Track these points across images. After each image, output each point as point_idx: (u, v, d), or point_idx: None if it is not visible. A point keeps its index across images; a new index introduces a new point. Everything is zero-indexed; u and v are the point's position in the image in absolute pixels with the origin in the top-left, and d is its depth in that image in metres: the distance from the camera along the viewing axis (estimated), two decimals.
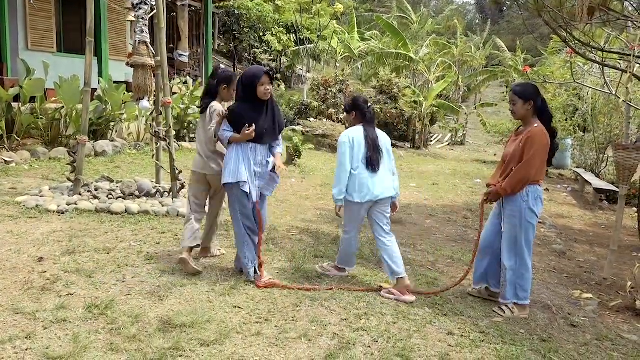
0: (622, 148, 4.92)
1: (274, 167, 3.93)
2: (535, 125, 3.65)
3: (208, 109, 3.97)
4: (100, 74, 10.26)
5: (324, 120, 15.42)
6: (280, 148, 4.09)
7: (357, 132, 4.00)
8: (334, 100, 13.78)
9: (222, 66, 3.76)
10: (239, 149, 3.82)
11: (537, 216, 3.76)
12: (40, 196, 5.66)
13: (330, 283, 4.06)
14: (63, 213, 5.28)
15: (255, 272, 3.89)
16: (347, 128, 4.24)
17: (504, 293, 3.83)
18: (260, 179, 3.92)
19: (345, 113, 4.31)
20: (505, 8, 41.81)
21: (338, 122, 14.55)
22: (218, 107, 3.97)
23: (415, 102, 15.73)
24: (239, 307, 3.45)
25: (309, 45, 18.42)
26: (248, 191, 3.82)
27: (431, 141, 17.97)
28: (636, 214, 5.66)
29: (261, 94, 3.80)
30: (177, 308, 3.36)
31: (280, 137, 4.05)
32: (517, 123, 3.86)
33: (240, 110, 3.82)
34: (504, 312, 3.74)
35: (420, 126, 16.24)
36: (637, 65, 6.56)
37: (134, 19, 5.85)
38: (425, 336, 3.29)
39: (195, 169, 4.14)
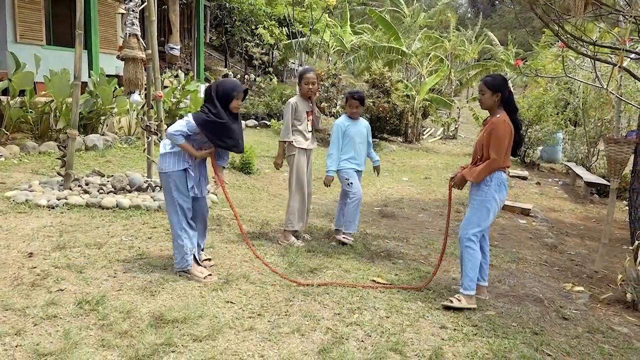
0: (613, 142, 4.94)
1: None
2: (498, 115, 3.74)
3: None
4: (90, 67, 10.15)
5: None
6: (226, 162, 4.22)
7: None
8: (326, 94, 13.73)
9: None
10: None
11: (497, 202, 3.77)
12: (30, 191, 5.60)
13: (322, 278, 4.06)
14: (53, 208, 5.23)
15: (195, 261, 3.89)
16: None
17: (460, 280, 3.91)
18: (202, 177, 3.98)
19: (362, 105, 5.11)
20: (497, 2, 41.84)
21: (331, 116, 14.50)
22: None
23: (407, 96, 15.71)
24: (232, 302, 3.43)
25: (301, 39, 18.32)
26: (191, 184, 3.82)
27: (423, 135, 17.98)
28: (627, 207, 5.70)
29: (233, 107, 3.82)
30: (169, 303, 3.34)
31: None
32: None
33: (223, 121, 3.75)
34: (452, 303, 3.66)
35: (412, 120, 16.23)
36: (628, 59, 6.60)
37: (124, 12, 5.78)
38: (418, 330, 3.29)
39: None
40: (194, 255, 3.86)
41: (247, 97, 3.90)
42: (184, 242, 3.79)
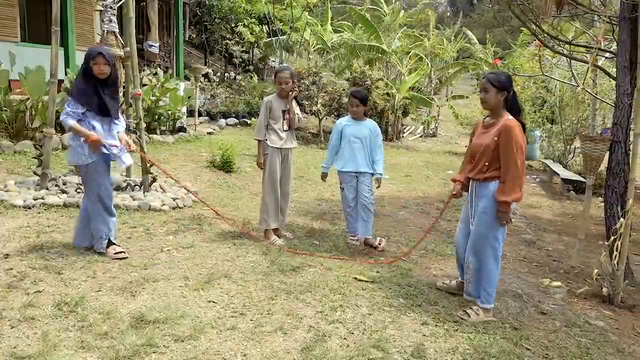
0: (589, 139, 5.03)
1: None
2: (510, 117, 3.48)
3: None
4: (67, 65, 9.98)
5: None
6: (122, 127, 4.26)
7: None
8: (307, 93, 13.71)
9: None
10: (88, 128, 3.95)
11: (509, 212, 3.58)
12: (5, 191, 5.49)
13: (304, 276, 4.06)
14: (30, 208, 5.14)
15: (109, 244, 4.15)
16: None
17: (469, 289, 3.75)
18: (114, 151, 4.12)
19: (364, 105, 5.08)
20: (476, 1, 42.27)
21: (312, 114, 14.50)
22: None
23: (388, 94, 15.77)
24: (214, 302, 3.42)
25: (282, 37, 18.26)
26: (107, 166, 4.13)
27: (404, 133, 18.09)
28: (602, 204, 5.82)
29: (97, 73, 3.95)
30: (149, 304, 3.31)
31: (121, 117, 4.30)
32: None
33: (83, 86, 3.96)
34: (469, 316, 3.56)
35: (393, 118, 16.31)
36: (602, 58, 6.74)
37: (102, 9, 5.70)
38: (400, 327, 3.32)
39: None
40: (108, 238, 4.15)
41: (111, 62, 3.98)
42: (99, 227, 4.08)
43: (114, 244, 4.19)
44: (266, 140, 4.83)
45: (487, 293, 3.61)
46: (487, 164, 3.54)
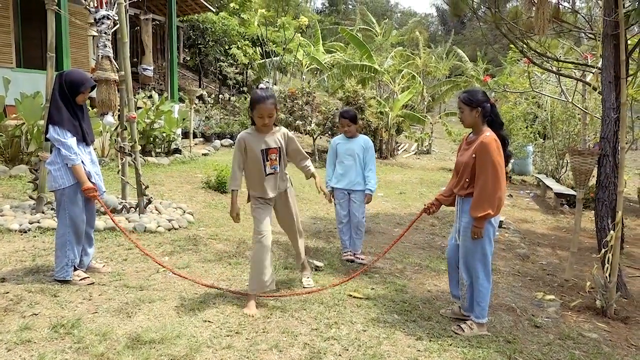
0: (578, 153, 5.11)
1: None
2: (487, 133, 3.49)
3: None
4: None
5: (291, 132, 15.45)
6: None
7: None
8: (300, 112, 13.84)
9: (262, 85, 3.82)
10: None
11: (494, 228, 3.57)
12: (1, 215, 5.51)
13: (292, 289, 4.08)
14: (25, 232, 5.16)
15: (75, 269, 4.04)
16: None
17: (465, 305, 3.75)
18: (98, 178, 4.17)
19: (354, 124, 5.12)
20: (466, 20, 42.88)
21: (305, 134, 14.60)
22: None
23: (381, 112, 15.94)
24: (209, 321, 3.44)
25: (275, 58, 18.49)
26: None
27: (398, 151, 18.22)
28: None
29: (80, 101, 3.99)
30: (145, 324, 3.32)
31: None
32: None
33: (66, 113, 3.90)
34: (463, 331, 3.57)
35: (386, 136, 16.46)
36: (590, 74, 6.87)
37: (96, 34, 5.79)
38: (395, 342, 3.34)
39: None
40: (74, 265, 4.02)
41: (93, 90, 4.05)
42: (67, 253, 3.94)
43: (76, 268, 4.06)
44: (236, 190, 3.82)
45: (480, 307, 3.63)
46: (467, 180, 3.58)
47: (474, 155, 3.49)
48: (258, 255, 3.78)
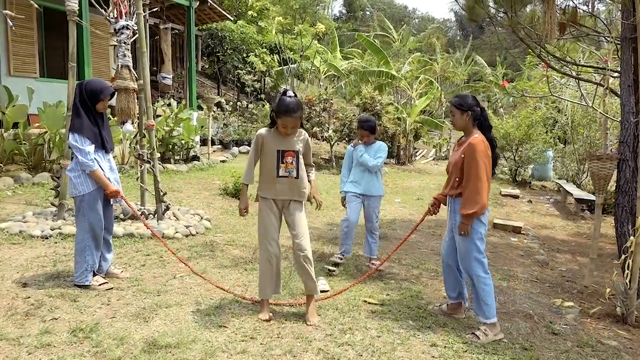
0: (596, 158, 5.04)
1: None
2: (476, 135, 3.65)
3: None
4: None
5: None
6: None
7: None
8: (317, 119, 13.89)
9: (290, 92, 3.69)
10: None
11: (484, 225, 3.66)
12: (24, 222, 5.64)
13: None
14: (47, 238, 5.27)
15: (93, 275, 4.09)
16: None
17: (474, 307, 3.79)
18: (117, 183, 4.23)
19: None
20: (484, 25, 42.64)
21: (323, 141, 14.64)
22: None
23: (398, 118, 15.91)
24: (224, 326, 3.47)
25: (292, 65, 18.60)
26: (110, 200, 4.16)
27: (416, 157, 18.15)
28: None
29: (100, 108, 4.06)
30: (162, 329, 3.37)
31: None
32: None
33: (86, 121, 3.97)
34: (479, 338, 3.55)
35: (404, 142, 16.41)
36: (611, 78, 6.78)
37: (116, 44, 5.91)
38: (409, 349, 3.33)
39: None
40: (93, 271, 4.08)
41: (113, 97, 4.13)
42: (86, 259, 4.00)
43: (95, 274, 4.11)
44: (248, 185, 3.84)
45: (488, 306, 3.65)
46: (457, 179, 3.72)
47: (462, 155, 3.65)
48: (262, 262, 3.77)
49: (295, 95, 3.63)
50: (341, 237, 5.23)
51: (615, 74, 6.53)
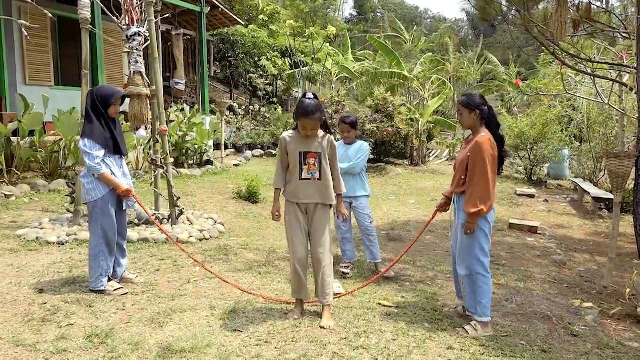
0: (614, 156, 4.96)
1: None
2: (483, 134, 3.65)
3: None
4: None
5: None
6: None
7: None
8: (330, 121, 13.87)
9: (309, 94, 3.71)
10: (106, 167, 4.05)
11: (489, 223, 3.66)
12: (40, 228, 5.71)
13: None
14: (63, 244, 5.32)
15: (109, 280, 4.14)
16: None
17: (467, 304, 3.81)
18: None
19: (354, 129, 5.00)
20: (496, 23, 42.36)
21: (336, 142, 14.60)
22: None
23: (411, 119, 15.82)
24: (239, 331, 3.46)
25: (304, 68, 18.62)
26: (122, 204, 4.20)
27: (429, 157, 18.04)
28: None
29: (112, 113, 4.11)
30: (177, 334, 3.37)
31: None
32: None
33: (98, 126, 4.02)
34: (468, 333, 3.58)
35: (417, 143, 16.31)
36: (627, 74, 6.67)
37: (129, 51, 5.96)
38: (425, 352, 3.29)
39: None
40: (108, 276, 4.11)
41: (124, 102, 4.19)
42: (100, 264, 4.04)
43: (110, 279, 4.15)
44: (280, 189, 3.86)
45: (482, 305, 3.64)
46: (462, 177, 3.72)
47: (468, 153, 3.65)
48: (291, 263, 3.83)
49: (316, 98, 3.68)
50: (340, 246, 5.19)
51: (632, 70, 6.44)
